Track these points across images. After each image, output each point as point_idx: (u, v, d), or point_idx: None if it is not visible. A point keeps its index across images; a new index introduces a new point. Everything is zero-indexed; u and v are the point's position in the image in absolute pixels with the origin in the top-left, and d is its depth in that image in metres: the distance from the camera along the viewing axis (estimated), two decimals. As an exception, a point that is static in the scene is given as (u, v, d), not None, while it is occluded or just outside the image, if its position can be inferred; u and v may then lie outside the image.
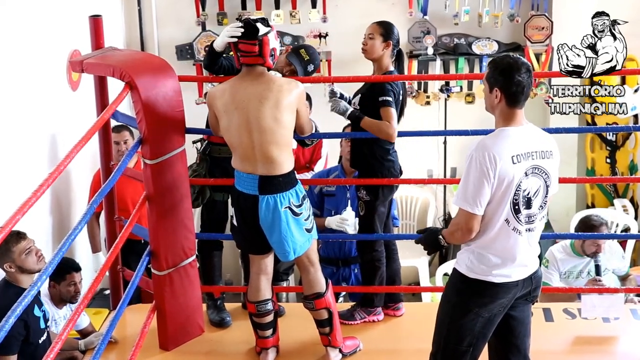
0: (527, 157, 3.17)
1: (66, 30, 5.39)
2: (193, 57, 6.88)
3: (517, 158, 3.14)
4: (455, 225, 3.23)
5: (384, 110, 3.99)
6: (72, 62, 4.24)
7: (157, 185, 3.88)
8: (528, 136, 3.21)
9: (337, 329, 3.91)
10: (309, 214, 3.79)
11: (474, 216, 3.16)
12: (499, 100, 3.16)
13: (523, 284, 3.28)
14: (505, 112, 3.18)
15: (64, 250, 2.80)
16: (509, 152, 3.13)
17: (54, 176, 2.80)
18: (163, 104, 3.86)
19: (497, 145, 3.13)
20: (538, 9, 6.90)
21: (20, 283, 3.88)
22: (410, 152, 6.59)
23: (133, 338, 3.93)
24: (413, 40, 6.96)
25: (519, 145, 3.16)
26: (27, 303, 2.45)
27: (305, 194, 3.77)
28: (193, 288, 4.13)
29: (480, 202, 3.14)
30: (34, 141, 4.96)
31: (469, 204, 3.15)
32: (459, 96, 6.96)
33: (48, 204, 5.16)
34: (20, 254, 3.86)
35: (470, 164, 3.14)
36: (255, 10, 6.85)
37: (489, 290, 3.24)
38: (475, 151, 3.14)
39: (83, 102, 5.15)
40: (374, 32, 4.11)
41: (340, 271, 4.97)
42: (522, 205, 3.19)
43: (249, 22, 3.68)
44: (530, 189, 3.19)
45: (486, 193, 3.13)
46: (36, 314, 3.93)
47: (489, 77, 3.20)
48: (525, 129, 3.21)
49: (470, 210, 3.15)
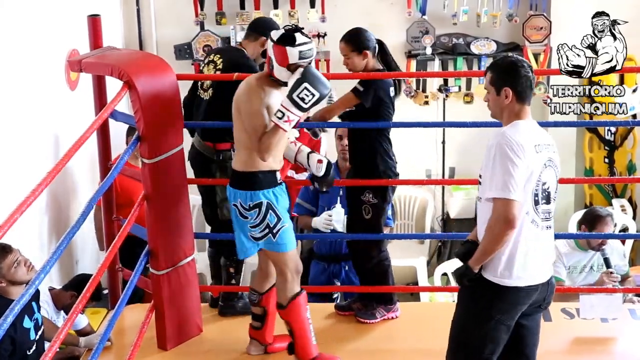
0: (544, 148, 3.16)
1: (65, 29, 5.38)
2: (191, 57, 6.89)
3: (538, 148, 3.13)
4: (494, 220, 3.09)
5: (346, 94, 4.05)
6: (71, 61, 4.23)
7: (156, 185, 3.88)
8: (538, 129, 3.22)
9: (304, 345, 3.81)
10: (265, 225, 3.64)
11: (512, 202, 3.05)
12: (510, 99, 3.16)
13: (541, 288, 3.21)
14: (516, 110, 3.18)
15: (61, 249, 2.80)
16: (531, 141, 3.12)
17: (52, 175, 2.79)
18: (161, 103, 3.86)
19: (519, 133, 3.11)
20: (536, 9, 6.90)
21: (11, 295, 3.84)
22: (408, 151, 6.61)
23: (131, 338, 3.92)
24: (411, 40, 6.96)
25: (536, 136, 3.16)
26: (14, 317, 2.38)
27: (260, 204, 3.61)
28: (191, 288, 4.13)
29: (514, 187, 3.04)
30: (32, 141, 4.95)
31: (503, 191, 3.05)
32: (458, 96, 6.97)
33: (47, 204, 5.16)
34: (9, 268, 3.83)
35: (494, 152, 3.09)
36: (254, 10, 6.86)
37: (512, 295, 3.16)
38: (497, 139, 3.10)
39: (81, 102, 5.15)
40: (346, 52, 4.10)
41: (330, 268, 4.97)
42: (542, 199, 3.15)
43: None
44: (549, 182, 3.17)
45: (518, 177, 3.05)
46: (25, 326, 3.88)
47: (494, 80, 3.19)
48: (533, 122, 3.22)
49: (507, 196, 3.04)
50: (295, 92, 3.48)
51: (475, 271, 3.19)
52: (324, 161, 3.80)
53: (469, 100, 7.00)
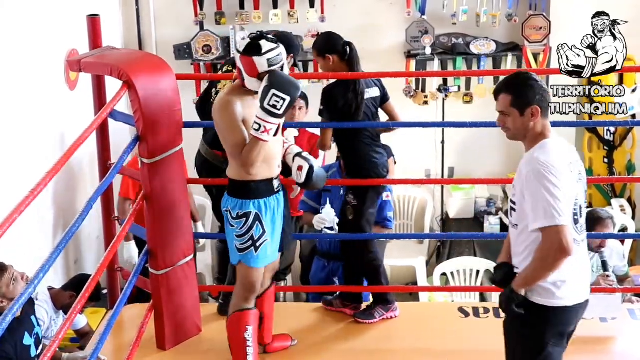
0: (574, 163, 3.10)
1: (64, 29, 5.38)
2: (191, 57, 6.88)
3: (571, 166, 3.06)
4: (546, 250, 2.95)
5: None
6: (70, 61, 4.23)
7: (155, 184, 3.88)
8: (564, 145, 3.15)
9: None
10: (249, 237, 3.58)
11: (562, 228, 2.92)
12: (537, 117, 3.07)
13: (585, 304, 3.13)
14: (539, 128, 3.09)
15: (60, 249, 2.80)
16: (564, 160, 3.04)
17: (51, 176, 2.79)
18: (161, 102, 3.86)
19: (552, 154, 3.02)
20: (536, 9, 6.90)
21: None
22: (407, 151, 6.61)
23: (130, 337, 3.92)
24: (411, 39, 6.96)
25: (566, 153, 3.09)
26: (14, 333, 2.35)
27: (249, 213, 3.56)
28: (190, 287, 4.13)
29: (561, 211, 2.93)
30: (31, 141, 4.96)
31: (552, 219, 2.92)
32: (457, 96, 6.97)
33: (52, 203, 5.17)
34: (7, 286, 3.82)
35: (532, 180, 2.98)
36: (253, 10, 6.86)
37: (562, 315, 3.07)
38: (532, 166, 3.00)
39: (81, 102, 5.15)
40: (314, 56, 4.19)
41: (330, 265, 4.99)
42: (579, 215, 3.07)
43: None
44: (580, 196, 3.10)
45: (563, 200, 2.94)
46: (25, 343, 3.85)
47: (515, 101, 3.07)
48: (558, 139, 3.14)
49: (556, 223, 2.92)
50: (266, 101, 3.37)
51: (522, 294, 3.06)
52: (304, 168, 3.64)
53: (469, 100, 6.99)
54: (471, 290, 5.83)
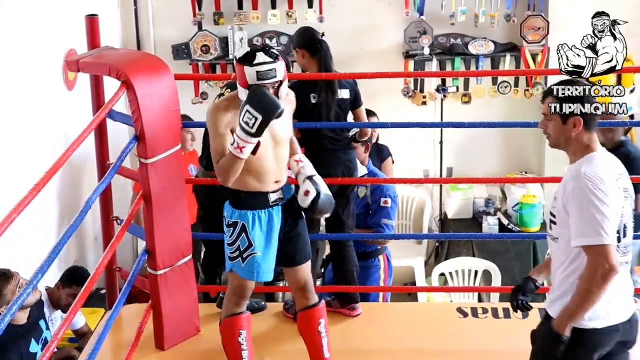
0: (621, 179, 2.98)
1: (62, 29, 5.38)
2: (189, 57, 6.88)
3: (618, 182, 2.95)
4: (591, 272, 2.82)
5: None
6: (68, 61, 4.22)
7: (153, 184, 3.87)
8: (611, 158, 3.04)
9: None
10: (237, 247, 3.52)
11: (609, 247, 2.81)
12: (579, 128, 2.98)
13: (622, 327, 2.97)
14: (585, 139, 3.00)
15: (58, 249, 2.80)
16: (612, 175, 2.93)
17: (50, 175, 2.79)
18: (159, 103, 3.85)
19: (600, 170, 2.91)
20: (534, 9, 6.90)
21: (18, 321, 3.83)
22: (406, 151, 6.62)
23: (129, 337, 3.92)
24: (409, 40, 6.96)
25: (614, 168, 2.99)
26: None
27: (236, 223, 3.51)
28: (189, 287, 4.13)
29: (607, 229, 2.81)
30: (29, 141, 4.95)
31: (599, 237, 2.81)
32: (455, 96, 6.97)
33: (55, 202, 5.17)
34: (13, 293, 3.80)
35: (579, 195, 2.87)
36: (251, 10, 6.85)
37: (592, 337, 2.92)
38: (578, 182, 2.89)
39: (79, 102, 5.14)
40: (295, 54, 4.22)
41: None
42: (622, 234, 2.95)
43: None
44: (626, 214, 2.98)
45: (610, 218, 2.83)
46: (32, 351, 3.84)
47: (560, 110, 3.01)
48: (605, 152, 3.05)
49: (602, 242, 2.80)
50: (241, 116, 3.26)
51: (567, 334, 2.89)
52: (310, 194, 3.50)
53: (467, 100, 6.99)
54: (470, 290, 5.83)
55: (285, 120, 3.50)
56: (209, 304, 4.47)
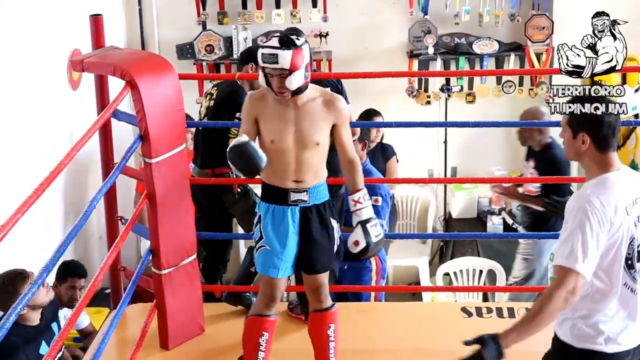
0: (635, 203, 2.86)
1: (67, 29, 5.39)
2: (194, 57, 6.89)
3: (629, 209, 2.82)
4: (553, 293, 2.73)
5: None
6: (73, 61, 4.23)
7: (158, 184, 3.88)
8: (630, 180, 2.92)
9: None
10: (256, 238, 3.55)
11: (579, 275, 2.72)
12: (587, 146, 2.87)
13: (634, 352, 2.90)
14: (598, 159, 2.88)
15: (63, 249, 2.80)
16: (621, 202, 2.80)
17: (54, 175, 2.79)
18: (163, 102, 3.86)
19: (607, 195, 2.80)
20: (539, 9, 6.90)
21: (30, 321, 3.83)
22: (410, 151, 6.62)
23: (133, 337, 3.93)
24: (413, 39, 6.96)
25: (628, 193, 2.85)
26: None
27: (256, 213, 3.57)
28: (193, 287, 4.13)
29: (590, 260, 2.73)
30: (34, 141, 4.96)
31: (576, 262, 2.72)
32: (460, 96, 6.97)
33: (59, 203, 5.17)
34: None
35: (574, 216, 2.76)
36: (256, 9, 6.86)
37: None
38: (581, 202, 2.78)
39: (84, 102, 5.15)
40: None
41: None
42: (636, 260, 2.86)
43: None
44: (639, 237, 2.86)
45: (598, 248, 2.75)
46: (42, 352, 3.82)
47: (571, 122, 2.92)
48: (624, 173, 2.93)
49: (579, 269, 2.72)
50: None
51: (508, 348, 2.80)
52: (360, 245, 3.48)
53: (471, 100, 6.99)
54: (474, 290, 5.83)
55: (318, 126, 3.45)
56: (213, 304, 4.48)
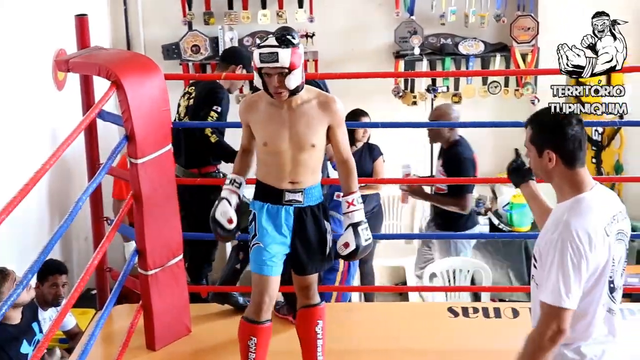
0: (612, 222, 2.74)
1: (52, 29, 5.37)
2: (179, 57, 6.88)
3: (609, 227, 2.71)
4: (541, 333, 2.66)
5: None
6: (58, 61, 4.21)
7: (144, 184, 3.86)
8: (605, 198, 2.80)
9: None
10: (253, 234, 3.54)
11: (566, 312, 2.64)
12: (554, 163, 2.74)
13: None
14: (568, 176, 2.75)
15: (48, 250, 2.79)
16: (599, 225, 2.69)
17: (39, 176, 2.78)
18: (149, 103, 3.85)
19: (585, 222, 2.66)
20: (524, 10, 6.92)
21: (12, 320, 3.82)
22: (396, 151, 6.62)
23: (120, 338, 3.91)
24: (399, 40, 6.97)
25: (604, 213, 2.73)
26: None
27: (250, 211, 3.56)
28: (180, 288, 4.12)
29: (572, 294, 2.64)
30: (18, 141, 4.94)
31: (560, 298, 2.63)
32: (446, 96, 6.97)
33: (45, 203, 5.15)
34: (9, 290, 3.79)
35: (558, 249, 2.65)
36: (242, 10, 6.85)
37: None
38: (562, 234, 2.65)
39: (69, 102, 5.13)
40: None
41: None
42: (614, 283, 2.77)
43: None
44: (617, 257, 2.77)
45: (582, 281, 2.65)
46: (23, 352, 3.81)
47: (534, 138, 2.78)
48: (598, 191, 2.78)
49: (566, 305, 2.63)
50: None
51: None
52: (350, 247, 3.49)
53: (457, 100, 7.00)
54: (461, 290, 5.83)
55: (315, 128, 3.43)
56: (199, 304, 4.47)
